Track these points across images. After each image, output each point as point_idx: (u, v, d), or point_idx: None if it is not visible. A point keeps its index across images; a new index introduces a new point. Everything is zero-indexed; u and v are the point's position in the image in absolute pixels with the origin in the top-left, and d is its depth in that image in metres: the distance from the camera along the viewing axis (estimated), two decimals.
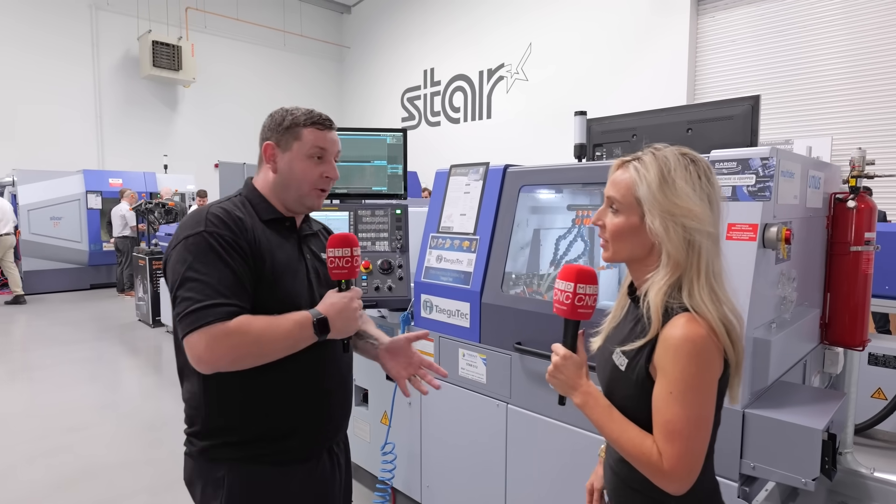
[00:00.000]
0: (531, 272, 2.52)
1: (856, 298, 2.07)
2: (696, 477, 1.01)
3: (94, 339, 6.47)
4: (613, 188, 1.12)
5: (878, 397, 3.49)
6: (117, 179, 9.95)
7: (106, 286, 9.98)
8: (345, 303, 1.26)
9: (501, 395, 2.18)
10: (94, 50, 10.70)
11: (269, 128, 1.35)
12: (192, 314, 1.13)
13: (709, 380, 1.00)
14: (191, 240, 1.19)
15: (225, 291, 1.16)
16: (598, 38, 8.64)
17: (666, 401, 0.99)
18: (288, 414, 1.30)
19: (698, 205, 1.04)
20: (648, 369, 1.04)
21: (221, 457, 1.26)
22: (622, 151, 2.41)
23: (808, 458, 1.39)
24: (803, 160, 1.80)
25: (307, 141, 1.32)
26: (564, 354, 1.12)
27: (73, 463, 3.43)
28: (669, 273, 1.04)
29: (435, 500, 2.53)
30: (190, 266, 1.17)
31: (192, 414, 1.30)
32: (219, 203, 1.30)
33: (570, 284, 1.10)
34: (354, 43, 13.73)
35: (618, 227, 1.10)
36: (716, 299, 1.03)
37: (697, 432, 0.99)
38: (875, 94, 6.28)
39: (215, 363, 1.15)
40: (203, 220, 1.22)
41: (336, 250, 1.27)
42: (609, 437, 1.06)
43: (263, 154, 1.35)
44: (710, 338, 0.99)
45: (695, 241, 1.03)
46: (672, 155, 1.07)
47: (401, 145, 2.71)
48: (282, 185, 1.34)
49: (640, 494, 1.11)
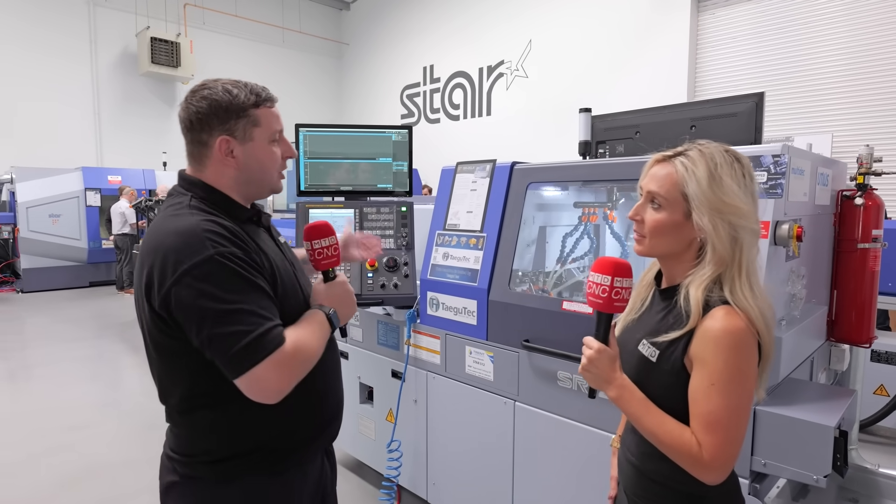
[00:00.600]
0: (537, 269, 2.52)
1: (862, 296, 2.07)
2: (733, 466, 1.02)
3: (94, 337, 6.45)
4: (656, 184, 1.10)
5: (880, 394, 3.50)
6: (116, 176, 9.91)
7: (105, 284, 9.96)
8: (343, 290, 1.26)
9: (509, 393, 2.18)
10: (92, 47, 10.65)
11: (212, 115, 1.13)
12: (248, 348, 1.02)
13: (748, 371, 1.02)
14: (204, 268, 1.03)
15: (267, 314, 1.07)
16: (598, 35, 8.63)
17: (707, 392, 1.00)
18: (296, 421, 1.22)
19: (745, 202, 1.05)
20: (683, 360, 1.05)
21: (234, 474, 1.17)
22: (625, 148, 2.41)
23: (821, 455, 1.39)
24: (813, 157, 1.80)
25: (266, 126, 1.19)
26: (599, 348, 1.09)
27: (75, 462, 3.42)
28: (714, 269, 1.05)
29: (441, 497, 2.53)
30: (218, 298, 1.03)
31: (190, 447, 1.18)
32: (192, 214, 1.11)
33: (608, 278, 1.07)
34: (353, 40, 13.68)
35: (660, 223, 1.10)
36: (755, 293, 1.04)
37: (738, 422, 1.00)
38: (875, 92, 6.28)
39: (285, 390, 1.08)
40: (202, 239, 1.05)
41: (321, 241, 1.23)
42: (646, 430, 1.06)
43: (217, 151, 1.15)
44: (749, 330, 1.01)
45: (739, 238, 1.05)
46: (718, 152, 1.07)
47: (406, 142, 2.70)
48: (246, 180, 1.20)
49: (661, 486, 1.12)
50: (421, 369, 2.55)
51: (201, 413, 1.15)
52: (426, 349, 2.52)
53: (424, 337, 2.52)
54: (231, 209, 1.18)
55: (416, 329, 2.55)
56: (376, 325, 2.78)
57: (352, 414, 2.94)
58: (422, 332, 2.52)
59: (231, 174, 1.18)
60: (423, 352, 2.53)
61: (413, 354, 2.57)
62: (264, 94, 1.19)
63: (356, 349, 2.92)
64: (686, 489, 1.09)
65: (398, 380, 2.64)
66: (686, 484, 1.06)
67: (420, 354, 2.55)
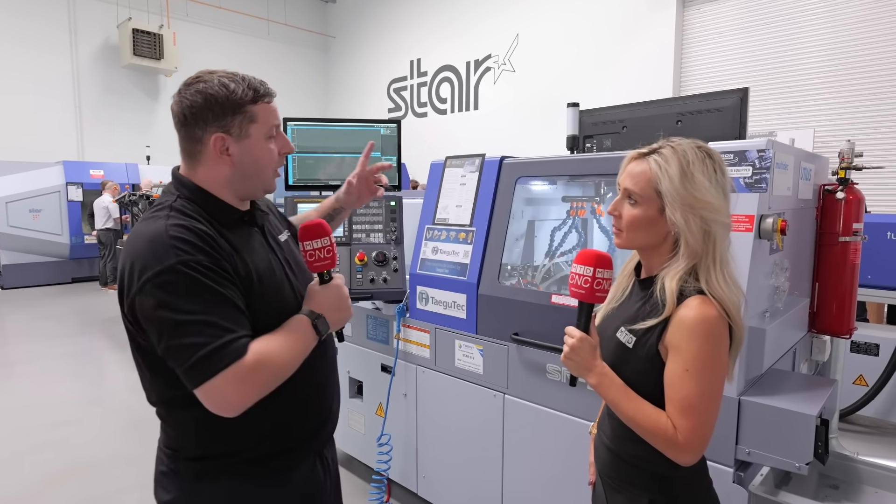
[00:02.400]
0: (526, 263, 2.53)
1: (843, 288, 2.11)
2: (706, 448, 1.07)
3: (77, 334, 6.37)
4: (632, 181, 1.15)
5: (859, 384, 3.59)
6: (98, 170, 9.75)
7: (88, 280, 9.81)
8: (335, 294, 1.19)
9: (498, 386, 2.20)
10: (72, 38, 10.43)
11: (206, 110, 1.08)
12: (203, 361, 0.98)
13: (721, 357, 1.07)
14: (163, 278, 0.99)
15: (228, 325, 1.01)
16: (585, 30, 8.65)
17: (681, 377, 1.05)
18: (281, 425, 1.19)
19: (716, 197, 1.09)
20: (658, 348, 1.10)
21: (219, 475, 1.15)
22: (612, 143, 2.43)
23: (803, 444, 1.42)
24: (796, 152, 1.83)
25: (264, 122, 1.14)
26: (580, 337, 1.14)
27: (60, 459, 3.38)
28: (687, 261, 1.10)
29: (431, 490, 2.55)
30: (175, 308, 0.99)
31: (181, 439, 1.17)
32: (167, 217, 1.06)
33: (590, 269, 1.13)
34: (340, 33, 13.57)
35: (636, 218, 1.15)
36: (728, 283, 1.09)
37: (710, 406, 1.05)
38: (856, 88, 6.38)
39: (244, 404, 1.03)
40: (168, 247, 1.01)
41: (314, 242, 1.17)
42: (624, 415, 1.11)
43: (211, 148, 1.10)
44: (722, 318, 1.06)
45: (711, 232, 1.09)
46: (690, 149, 1.11)
47: (395, 137, 2.70)
48: (241, 178, 1.14)
49: (637, 468, 1.18)
50: (410, 363, 2.56)
51: (180, 412, 1.13)
52: (416, 343, 2.52)
53: (414, 331, 2.52)
54: (217, 212, 1.13)
55: (406, 323, 2.55)
56: (365, 319, 2.78)
57: (341, 409, 2.93)
58: (411, 326, 2.53)
59: (225, 172, 1.13)
60: (413, 346, 2.54)
61: (402, 349, 2.58)
62: (262, 90, 1.14)
63: (345, 344, 2.92)
64: (653, 469, 1.15)
65: (388, 374, 2.64)
66: (655, 464, 1.13)
67: (409, 349, 2.55)
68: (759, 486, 1.58)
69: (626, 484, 1.21)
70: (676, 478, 1.14)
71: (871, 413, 3.55)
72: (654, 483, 1.16)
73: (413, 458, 2.60)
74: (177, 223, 1.05)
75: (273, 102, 1.17)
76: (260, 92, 1.13)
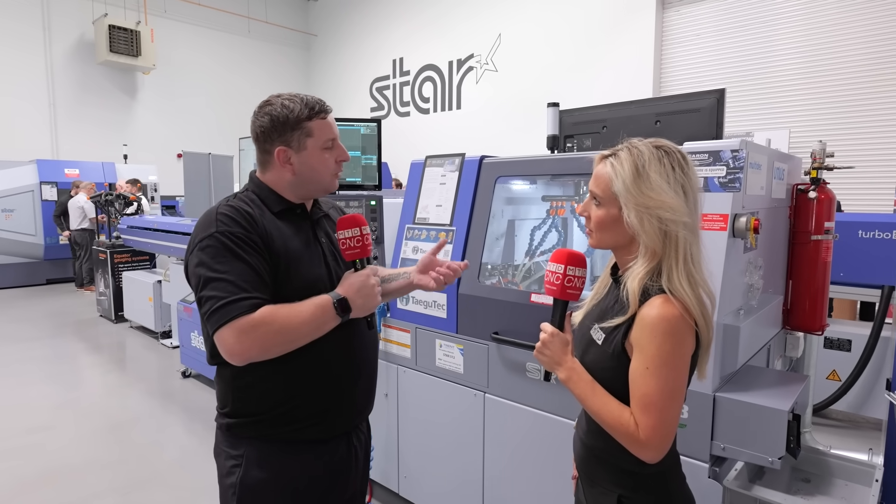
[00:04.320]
0: (506, 263, 2.54)
1: (816, 285, 2.15)
2: (670, 446, 1.08)
3: (51, 337, 6.23)
4: (595, 183, 1.18)
5: (832, 379, 3.67)
6: (73, 169, 9.54)
7: (63, 281, 9.60)
8: (361, 280, 1.30)
9: (479, 385, 2.20)
10: (45, 34, 10.19)
11: (273, 129, 1.31)
12: (217, 311, 1.17)
13: (682, 356, 1.07)
14: (205, 242, 1.23)
15: (245, 286, 1.20)
16: (566, 31, 8.71)
17: (643, 375, 1.06)
18: (310, 397, 1.33)
19: (672, 197, 1.09)
20: (624, 345, 1.11)
21: (244, 434, 1.33)
22: (592, 143, 2.45)
23: (775, 438, 1.45)
24: (769, 152, 1.86)
25: (319, 136, 1.33)
26: (552, 332, 1.19)
27: (33, 465, 3.30)
28: (647, 262, 1.11)
29: (412, 490, 2.54)
30: (208, 267, 1.21)
31: (222, 396, 1.37)
32: (227, 201, 1.34)
33: (561, 266, 1.18)
34: (321, 31, 13.47)
35: (600, 219, 1.17)
36: (693, 283, 1.09)
37: (671, 404, 1.06)
38: (830, 90, 6.53)
39: (246, 355, 1.19)
40: (214, 220, 1.26)
41: (346, 231, 1.31)
42: (590, 410, 1.13)
43: (276, 159, 1.33)
44: (684, 317, 1.06)
45: (670, 231, 1.09)
46: (646, 148, 1.12)
47: (375, 136, 2.69)
48: (301, 183, 1.36)
49: (607, 464, 1.20)
50: (391, 363, 2.55)
51: (221, 370, 1.34)
52: (396, 343, 2.52)
53: (395, 331, 2.51)
54: (269, 202, 1.35)
55: (387, 323, 2.54)
56: None
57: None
58: (392, 325, 2.52)
59: (288, 178, 1.35)
60: (394, 345, 2.53)
61: (383, 348, 2.57)
62: (317, 108, 1.33)
63: None
64: (621, 465, 1.17)
65: None
66: (622, 460, 1.14)
67: (390, 348, 2.54)
68: (733, 481, 1.60)
69: (598, 478, 1.22)
70: (645, 474, 1.16)
71: (844, 407, 3.63)
72: (624, 478, 1.18)
73: (394, 458, 2.60)
74: (228, 205, 1.30)
75: (329, 117, 1.36)
76: (315, 109, 1.32)
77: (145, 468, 3.27)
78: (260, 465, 1.31)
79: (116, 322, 6.81)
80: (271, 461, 1.32)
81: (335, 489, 1.41)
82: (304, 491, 1.35)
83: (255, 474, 1.31)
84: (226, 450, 1.35)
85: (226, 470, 1.34)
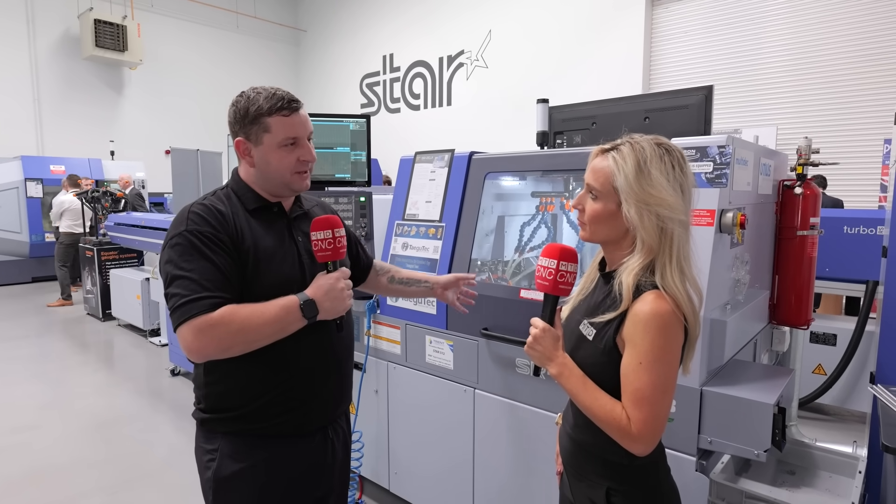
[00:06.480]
0: (496, 259, 2.55)
1: (801, 280, 2.18)
2: (659, 439, 1.10)
3: (38, 335, 6.16)
4: (592, 176, 1.18)
5: (818, 373, 3.72)
6: (59, 166, 9.41)
7: (50, 279, 9.47)
8: (330, 283, 1.29)
9: (469, 381, 2.21)
10: (30, 28, 10.03)
11: (235, 121, 1.32)
12: (178, 309, 1.18)
13: (673, 351, 1.09)
14: (175, 240, 1.25)
15: (208, 285, 1.21)
16: (556, 27, 8.72)
17: (635, 370, 1.07)
18: (282, 393, 1.34)
19: (671, 194, 1.10)
20: (616, 340, 1.12)
21: (218, 429, 1.34)
22: (581, 139, 2.46)
23: (761, 431, 1.46)
24: (756, 148, 1.88)
25: (277, 132, 1.31)
26: (543, 327, 1.18)
27: (19, 464, 3.27)
28: (643, 257, 1.12)
29: (403, 486, 2.54)
30: (175, 265, 1.22)
31: (197, 392, 1.39)
32: (203, 198, 1.35)
33: (554, 262, 1.17)
34: (311, 26, 13.37)
35: (596, 213, 1.17)
36: (684, 279, 1.11)
37: (663, 398, 1.07)
38: (817, 87, 6.60)
39: (203, 352, 1.20)
40: (185, 219, 1.27)
41: (318, 233, 1.29)
42: (582, 405, 1.13)
43: (236, 150, 1.34)
44: (675, 313, 1.08)
45: (667, 229, 1.10)
46: (648, 145, 1.13)
47: (364, 132, 2.68)
48: (262, 177, 1.35)
49: (596, 457, 1.21)
50: (381, 360, 2.55)
51: (196, 366, 1.36)
52: (386, 339, 2.51)
53: (384, 327, 2.51)
54: (245, 198, 1.36)
55: (377, 320, 2.54)
56: None
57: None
58: (382, 322, 2.52)
59: (251, 171, 1.36)
60: (384, 342, 2.53)
61: (373, 345, 2.56)
62: (280, 104, 1.30)
63: None
64: (610, 458, 1.18)
65: (358, 371, 2.63)
66: (611, 453, 1.16)
67: (380, 345, 2.54)
68: (719, 474, 1.62)
69: (585, 472, 1.23)
70: (633, 466, 1.17)
71: (830, 401, 3.69)
72: (612, 471, 1.19)
73: (385, 455, 2.59)
74: (202, 203, 1.31)
75: (295, 115, 1.32)
76: (277, 106, 1.30)
77: (133, 467, 3.24)
78: (234, 459, 1.32)
79: (104, 320, 6.74)
80: (244, 455, 1.33)
81: (311, 482, 1.42)
82: (277, 484, 1.35)
83: (229, 468, 1.32)
84: (202, 445, 1.37)
85: (203, 464, 1.36)
